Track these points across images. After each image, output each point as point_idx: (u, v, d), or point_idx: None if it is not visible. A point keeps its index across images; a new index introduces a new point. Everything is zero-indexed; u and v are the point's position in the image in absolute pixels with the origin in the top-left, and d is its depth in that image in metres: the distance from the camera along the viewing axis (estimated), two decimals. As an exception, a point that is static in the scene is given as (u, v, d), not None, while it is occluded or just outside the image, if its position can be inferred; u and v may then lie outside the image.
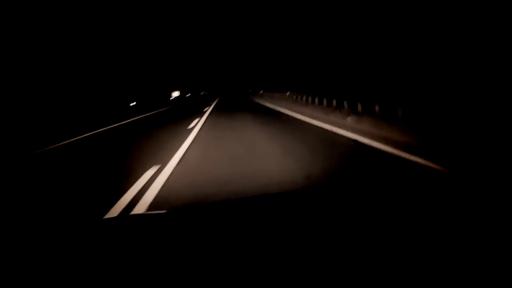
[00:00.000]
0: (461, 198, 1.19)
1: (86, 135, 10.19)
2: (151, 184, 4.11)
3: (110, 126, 12.55)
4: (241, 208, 1.25)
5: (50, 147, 8.07)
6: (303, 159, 5.09)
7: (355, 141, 6.44)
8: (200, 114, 15.18)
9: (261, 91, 41.20)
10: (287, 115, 12.89)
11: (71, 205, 3.60)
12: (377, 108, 9.48)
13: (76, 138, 9.53)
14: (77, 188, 4.29)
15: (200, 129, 9.64)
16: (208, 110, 18.26)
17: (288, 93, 21.93)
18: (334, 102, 12.62)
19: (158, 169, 4.83)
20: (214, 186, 3.94)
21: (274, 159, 5.28)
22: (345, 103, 11.60)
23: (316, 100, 15.33)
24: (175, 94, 46.88)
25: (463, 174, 4.00)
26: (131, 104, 25.78)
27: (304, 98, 17.37)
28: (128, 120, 15.00)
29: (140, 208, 3.38)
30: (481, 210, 1.05)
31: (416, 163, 4.51)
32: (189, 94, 59.81)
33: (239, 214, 1.15)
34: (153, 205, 3.46)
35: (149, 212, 1.11)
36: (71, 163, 6.28)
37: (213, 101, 30.99)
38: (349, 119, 9.62)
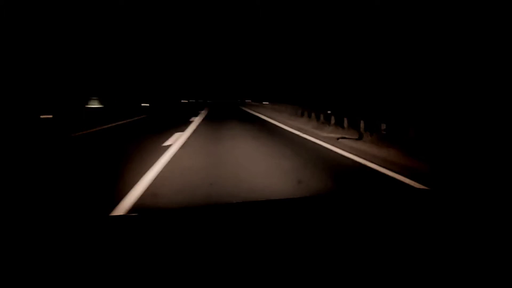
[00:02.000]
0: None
1: None
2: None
3: None
4: (244, 214, 1.28)
5: None
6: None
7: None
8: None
9: (263, 102, 35.64)
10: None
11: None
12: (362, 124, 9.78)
13: None
14: None
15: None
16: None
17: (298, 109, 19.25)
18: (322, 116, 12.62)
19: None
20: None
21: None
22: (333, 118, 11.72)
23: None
24: (93, 104, 23.80)
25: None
26: None
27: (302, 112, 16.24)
28: None
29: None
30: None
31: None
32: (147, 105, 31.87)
33: (244, 219, 1.18)
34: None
35: (145, 213, 1.11)
36: None
37: (192, 118, 17.09)
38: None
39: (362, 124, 9.61)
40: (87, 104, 23.03)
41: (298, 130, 11.29)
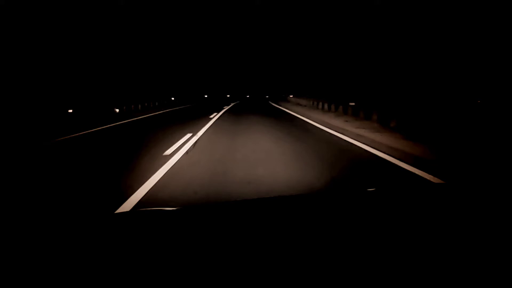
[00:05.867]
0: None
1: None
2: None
3: None
4: (255, 210, 1.24)
5: None
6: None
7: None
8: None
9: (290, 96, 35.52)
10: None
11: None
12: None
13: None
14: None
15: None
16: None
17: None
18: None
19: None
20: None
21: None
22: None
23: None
24: None
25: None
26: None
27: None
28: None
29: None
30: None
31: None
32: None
33: (253, 216, 1.16)
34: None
35: (161, 208, 1.10)
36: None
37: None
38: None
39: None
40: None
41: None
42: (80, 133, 9.84)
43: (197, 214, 1.19)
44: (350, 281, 0.69)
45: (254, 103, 35.75)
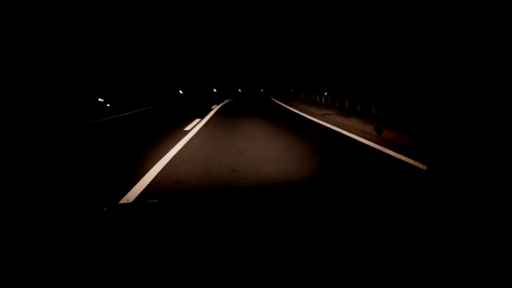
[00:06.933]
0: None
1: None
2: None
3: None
4: (249, 203, 1.25)
5: None
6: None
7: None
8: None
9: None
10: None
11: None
12: None
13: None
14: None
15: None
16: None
17: None
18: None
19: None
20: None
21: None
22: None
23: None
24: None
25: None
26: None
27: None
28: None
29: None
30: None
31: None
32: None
33: (248, 208, 1.16)
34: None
35: (157, 201, 1.23)
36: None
37: None
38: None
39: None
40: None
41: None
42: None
43: (190, 207, 1.20)
44: (343, 278, 0.68)
45: (254, 103, 23.82)
